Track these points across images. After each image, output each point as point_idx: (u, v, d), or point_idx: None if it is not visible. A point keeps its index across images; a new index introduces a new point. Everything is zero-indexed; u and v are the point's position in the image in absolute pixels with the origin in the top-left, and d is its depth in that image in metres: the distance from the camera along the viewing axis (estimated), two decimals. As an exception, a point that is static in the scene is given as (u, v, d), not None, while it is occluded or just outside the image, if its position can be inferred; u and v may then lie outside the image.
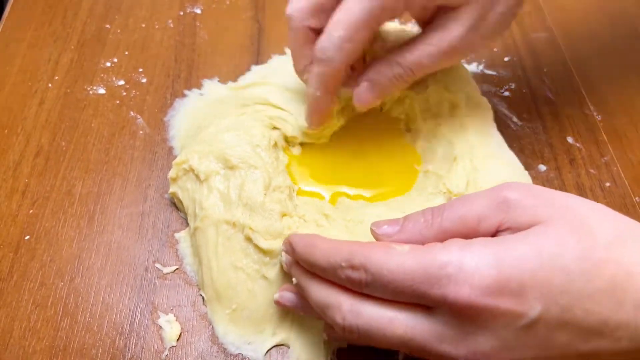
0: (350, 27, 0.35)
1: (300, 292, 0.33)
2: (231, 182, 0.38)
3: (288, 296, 0.34)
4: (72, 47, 0.52)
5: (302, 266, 0.32)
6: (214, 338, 0.36)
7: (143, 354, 0.35)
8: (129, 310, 0.37)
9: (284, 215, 0.37)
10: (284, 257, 0.33)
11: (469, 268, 0.26)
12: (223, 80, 0.50)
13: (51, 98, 0.48)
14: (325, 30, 0.37)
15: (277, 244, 0.36)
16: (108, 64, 0.51)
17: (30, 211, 0.41)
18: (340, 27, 0.36)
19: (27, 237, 0.40)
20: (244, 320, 0.36)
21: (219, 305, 0.37)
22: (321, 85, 0.38)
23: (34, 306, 0.37)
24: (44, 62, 0.51)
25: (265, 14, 0.56)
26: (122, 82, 0.50)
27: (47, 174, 0.43)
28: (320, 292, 0.31)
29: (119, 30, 0.54)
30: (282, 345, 0.36)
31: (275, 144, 0.41)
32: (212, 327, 0.36)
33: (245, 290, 0.36)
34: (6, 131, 0.46)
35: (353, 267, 0.28)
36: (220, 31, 0.55)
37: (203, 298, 0.38)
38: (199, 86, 0.50)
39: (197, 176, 0.39)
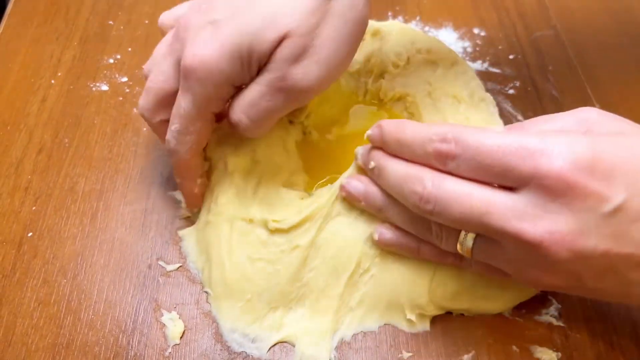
0: (183, 121, 0.35)
1: (375, 178, 0.35)
2: (250, 178, 0.38)
3: (353, 183, 0.36)
4: (75, 44, 0.52)
5: (382, 150, 0.34)
6: (218, 336, 0.36)
7: (146, 352, 0.35)
8: (132, 308, 0.37)
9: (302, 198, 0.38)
10: (360, 150, 0.36)
11: (564, 146, 0.27)
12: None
13: (54, 95, 0.48)
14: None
15: (302, 215, 0.36)
16: (111, 61, 0.51)
17: (33, 208, 0.41)
18: (175, 120, 0.35)
19: (29, 234, 0.40)
20: (259, 306, 0.36)
21: (229, 300, 0.36)
22: (177, 172, 0.38)
23: (37, 303, 0.37)
24: (46, 59, 0.51)
25: (268, 11, 0.56)
26: (125, 79, 0.50)
27: (49, 171, 0.43)
28: (401, 167, 0.32)
29: (121, 27, 0.54)
30: (284, 342, 0.36)
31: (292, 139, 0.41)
32: (216, 324, 0.36)
33: (265, 275, 0.36)
34: (9, 128, 0.46)
35: (444, 140, 0.30)
36: (223, 28, 0.54)
37: (207, 296, 0.37)
38: (202, 83, 0.50)
39: (226, 166, 0.39)
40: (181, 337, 0.36)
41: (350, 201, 0.37)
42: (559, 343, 0.36)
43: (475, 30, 0.56)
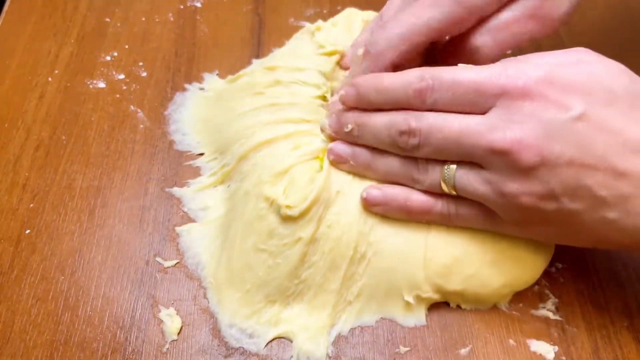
0: (412, 29, 0.36)
1: (354, 139, 0.37)
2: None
3: (338, 148, 0.38)
4: (72, 41, 0.52)
5: (358, 110, 0.37)
6: (215, 331, 0.36)
7: (144, 348, 0.35)
8: (130, 304, 0.37)
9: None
10: (327, 120, 0.38)
11: (526, 67, 0.32)
12: (223, 74, 0.50)
13: (51, 92, 0.48)
14: (381, 24, 0.38)
15: (306, 204, 0.36)
16: (108, 58, 0.51)
17: (31, 205, 0.41)
18: (400, 25, 0.36)
19: (27, 231, 0.40)
20: (257, 299, 0.36)
21: (229, 289, 0.37)
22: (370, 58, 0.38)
23: (35, 300, 0.37)
24: (44, 56, 0.51)
25: (265, 7, 0.56)
26: (122, 76, 0.50)
27: (47, 168, 0.43)
28: (382, 117, 0.35)
29: (119, 24, 0.54)
30: (282, 338, 0.36)
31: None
32: (214, 320, 0.36)
33: (266, 268, 0.36)
34: (6, 125, 0.46)
35: (422, 79, 0.33)
36: (220, 25, 0.54)
37: (204, 292, 0.38)
38: (199, 80, 0.50)
39: None
40: (179, 333, 0.36)
41: (338, 165, 0.38)
42: (556, 337, 0.36)
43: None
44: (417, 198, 0.36)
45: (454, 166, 0.34)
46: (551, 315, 0.37)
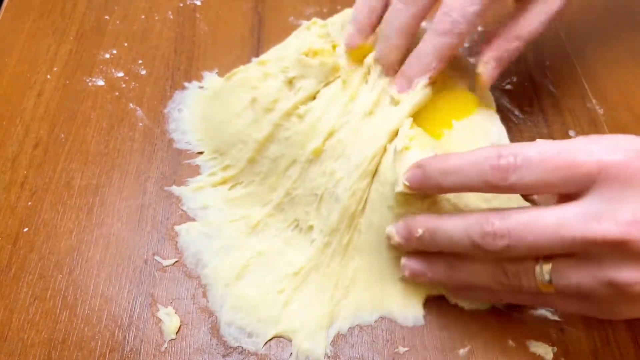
0: (486, 1, 0.36)
1: (426, 245, 0.34)
2: None
3: (412, 263, 0.35)
4: (71, 38, 0.52)
5: (424, 216, 0.34)
6: (214, 331, 0.36)
7: (142, 347, 0.35)
8: (128, 303, 0.37)
9: None
10: (393, 227, 0.35)
11: (622, 140, 0.28)
12: (223, 73, 0.50)
13: (50, 89, 0.48)
14: (450, 4, 0.37)
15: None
16: (107, 56, 0.51)
17: (29, 203, 0.41)
18: (475, 1, 0.36)
19: (25, 229, 0.40)
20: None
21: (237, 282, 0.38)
22: (439, 56, 0.38)
23: (33, 298, 0.37)
24: (42, 53, 0.51)
25: (265, 6, 0.56)
26: (121, 74, 0.49)
27: (45, 166, 0.43)
28: (457, 219, 0.32)
29: (118, 22, 0.54)
30: (281, 337, 0.36)
31: None
32: (214, 318, 0.36)
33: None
34: (4, 122, 0.45)
35: (501, 156, 0.29)
36: (220, 23, 0.54)
37: (203, 291, 0.37)
38: (199, 78, 0.50)
39: None
40: (177, 332, 0.36)
41: (415, 278, 0.36)
42: (555, 337, 0.36)
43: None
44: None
45: (548, 264, 0.30)
46: (550, 316, 0.37)
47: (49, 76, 0.49)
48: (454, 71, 0.43)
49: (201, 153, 0.44)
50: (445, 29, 0.37)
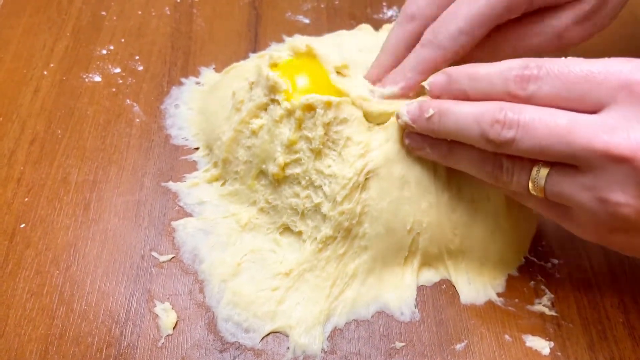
0: (472, 21, 0.35)
1: (434, 126, 0.33)
2: None
3: (415, 136, 0.36)
4: (68, 34, 0.52)
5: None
6: (211, 326, 0.36)
7: (139, 342, 0.35)
8: (125, 299, 0.37)
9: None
10: (406, 106, 0.35)
11: None
12: (220, 68, 0.50)
13: (46, 85, 0.48)
14: (441, 17, 0.36)
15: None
16: (104, 52, 0.51)
17: (26, 199, 0.41)
18: (460, 19, 0.35)
19: (22, 225, 0.40)
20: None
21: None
22: (416, 66, 0.37)
23: (30, 294, 0.37)
24: (39, 49, 0.51)
25: (262, 1, 0.56)
26: (118, 70, 0.49)
27: (42, 162, 0.43)
28: (470, 106, 0.31)
29: (114, 17, 0.54)
30: (277, 332, 0.36)
31: None
32: (211, 313, 0.36)
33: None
34: (1, 118, 0.45)
35: (526, 67, 0.29)
36: (217, 18, 0.54)
37: (200, 287, 0.37)
38: (195, 74, 0.50)
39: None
40: (174, 328, 0.36)
41: (413, 150, 0.37)
42: (551, 332, 0.36)
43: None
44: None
45: (546, 169, 0.30)
46: (547, 311, 0.37)
47: (45, 72, 0.49)
48: None
49: (197, 149, 0.44)
50: (425, 40, 0.37)
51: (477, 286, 0.38)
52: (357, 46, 0.43)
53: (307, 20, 0.54)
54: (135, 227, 0.40)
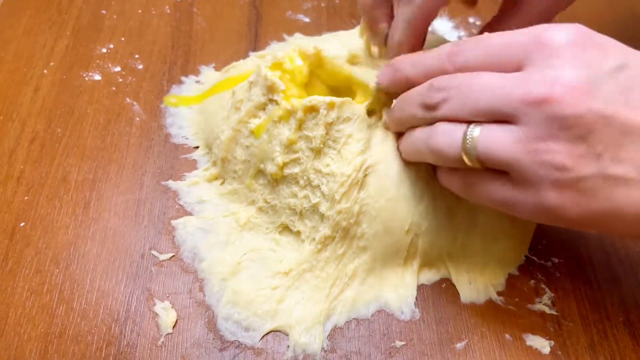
0: (412, 16, 0.37)
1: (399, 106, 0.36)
2: None
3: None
4: (68, 33, 0.52)
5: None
6: (210, 325, 0.36)
7: (139, 341, 0.35)
8: (125, 297, 0.37)
9: None
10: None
11: (561, 25, 0.30)
12: (220, 67, 0.50)
13: (46, 84, 0.48)
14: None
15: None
16: (104, 50, 0.51)
17: (26, 198, 0.41)
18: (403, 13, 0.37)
19: (22, 224, 0.40)
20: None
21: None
22: (408, 28, 0.38)
23: (29, 293, 0.37)
24: (39, 49, 0.51)
25: (262, 0, 0.56)
26: (118, 69, 0.49)
27: (42, 161, 0.43)
28: (418, 87, 0.34)
29: (115, 16, 0.54)
30: (277, 331, 0.36)
31: None
32: (211, 312, 0.36)
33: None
34: (1, 117, 0.45)
35: (456, 44, 0.33)
36: (217, 17, 0.54)
37: (200, 285, 0.37)
38: (195, 73, 0.50)
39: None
40: (174, 327, 0.36)
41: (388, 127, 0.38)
42: (552, 331, 0.36)
43: (471, 20, 0.55)
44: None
45: (478, 127, 0.30)
46: (547, 310, 0.37)
47: (45, 71, 0.49)
48: None
49: (197, 147, 0.44)
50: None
51: (478, 285, 0.38)
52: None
53: (307, 19, 0.54)
54: (135, 226, 0.40)
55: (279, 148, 0.38)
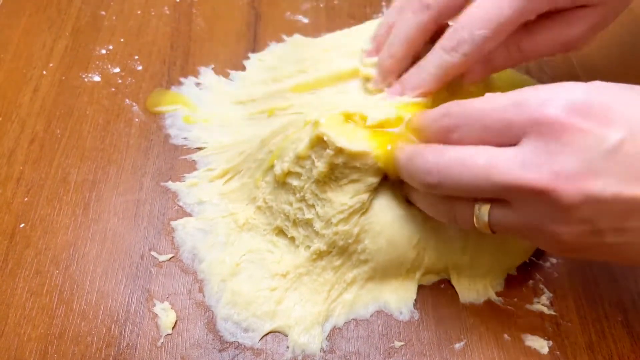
0: (498, 26, 0.34)
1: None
2: None
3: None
4: (67, 34, 0.52)
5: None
6: (210, 325, 0.36)
7: (139, 342, 0.35)
8: (125, 298, 0.37)
9: None
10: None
11: (559, 93, 0.28)
12: (219, 68, 0.50)
13: (46, 85, 0.48)
14: (462, 22, 0.35)
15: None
16: (103, 51, 0.51)
17: (25, 199, 0.41)
18: (486, 24, 0.34)
19: (22, 225, 0.40)
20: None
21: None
22: (437, 73, 0.36)
23: (29, 294, 0.37)
24: (38, 49, 0.51)
25: (261, 1, 0.56)
26: (117, 70, 0.49)
27: (41, 162, 0.43)
28: (408, 148, 0.33)
29: (114, 17, 0.54)
30: (277, 332, 0.36)
31: None
32: (210, 313, 0.36)
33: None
34: (0, 118, 0.45)
35: (446, 114, 0.31)
36: (216, 18, 0.54)
37: (199, 286, 0.37)
38: (195, 74, 0.50)
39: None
40: (173, 327, 0.36)
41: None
42: (550, 331, 0.37)
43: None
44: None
45: (486, 206, 0.30)
46: (545, 310, 0.37)
47: (44, 72, 0.49)
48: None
49: (198, 148, 0.44)
50: (449, 47, 0.35)
51: (476, 286, 0.38)
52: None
53: (306, 20, 0.54)
54: (135, 227, 0.40)
55: (292, 154, 0.37)
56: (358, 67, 0.41)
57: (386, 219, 0.36)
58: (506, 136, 0.29)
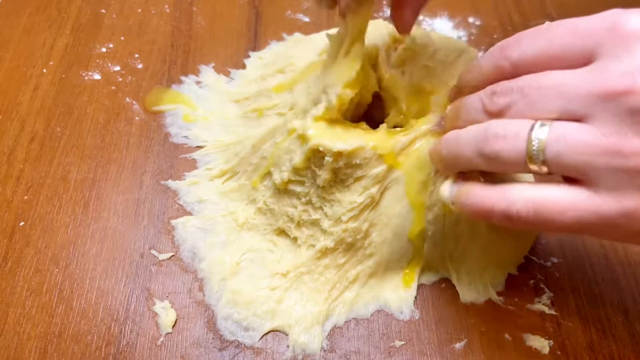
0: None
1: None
2: None
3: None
4: (67, 32, 0.52)
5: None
6: (210, 324, 0.36)
7: (138, 341, 0.35)
8: (125, 297, 0.37)
9: None
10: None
11: (630, 11, 0.26)
12: (220, 67, 0.50)
13: (46, 83, 0.48)
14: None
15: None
16: (103, 50, 0.51)
17: (25, 197, 0.41)
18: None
19: (21, 224, 0.40)
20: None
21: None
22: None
23: (29, 292, 0.37)
24: (38, 48, 0.50)
25: (262, 0, 0.56)
26: (117, 68, 0.49)
27: (41, 160, 0.43)
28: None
29: (114, 15, 0.53)
30: (277, 331, 0.36)
31: None
32: (210, 311, 0.36)
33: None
34: (0, 117, 0.45)
35: (506, 45, 0.29)
36: (216, 17, 0.54)
37: (199, 285, 0.37)
38: (195, 72, 0.49)
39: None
40: (173, 326, 0.36)
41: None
42: (551, 331, 0.36)
43: (471, 19, 0.55)
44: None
45: (546, 127, 0.26)
46: (546, 310, 0.37)
47: (45, 70, 0.49)
48: None
49: (198, 147, 0.44)
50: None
51: (477, 285, 0.38)
52: None
53: (306, 19, 0.54)
54: (135, 226, 0.40)
55: (289, 164, 0.37)
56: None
57: (394, 210, 0.36)
58: (577, 51, 0.26)
